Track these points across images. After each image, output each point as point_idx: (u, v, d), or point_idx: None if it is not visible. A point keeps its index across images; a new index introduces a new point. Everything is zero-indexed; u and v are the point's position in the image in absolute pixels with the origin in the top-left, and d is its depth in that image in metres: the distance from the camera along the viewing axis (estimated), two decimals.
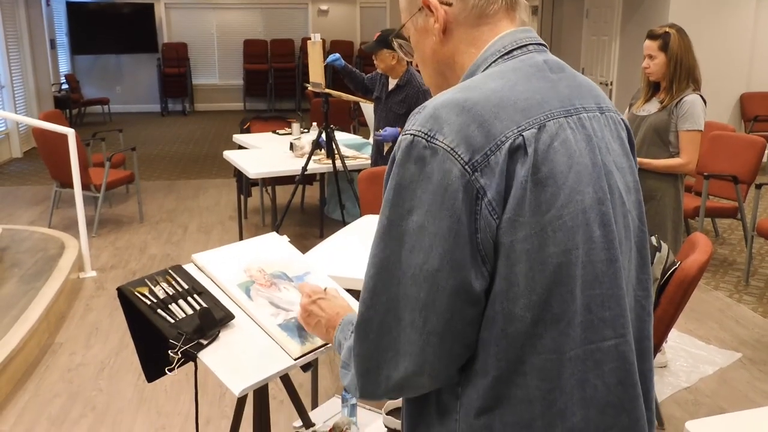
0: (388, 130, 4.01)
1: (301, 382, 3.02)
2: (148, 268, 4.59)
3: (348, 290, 1.57)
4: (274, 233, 1.65)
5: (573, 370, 0.88)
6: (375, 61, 4.04)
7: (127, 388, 3.07)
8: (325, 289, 1.37)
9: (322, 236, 5.15)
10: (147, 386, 3.08)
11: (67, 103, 10.81)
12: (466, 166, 0.83)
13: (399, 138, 0.91)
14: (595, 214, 0.89)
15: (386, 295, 0.89)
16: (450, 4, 0.96)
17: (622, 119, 1.03)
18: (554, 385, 0.88)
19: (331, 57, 4.29)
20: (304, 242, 5.11)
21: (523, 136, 0.85)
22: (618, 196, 0.95)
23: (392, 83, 4.08)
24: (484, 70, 0.94)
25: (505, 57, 0.94)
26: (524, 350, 0.87)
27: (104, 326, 3.70)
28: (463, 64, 0.98)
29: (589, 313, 0.88)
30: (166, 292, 1.38)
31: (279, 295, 1.46)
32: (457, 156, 0.84)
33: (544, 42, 0.99)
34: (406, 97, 3.98)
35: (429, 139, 0.85)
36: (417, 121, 0.88)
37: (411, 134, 0.87)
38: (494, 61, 0.94)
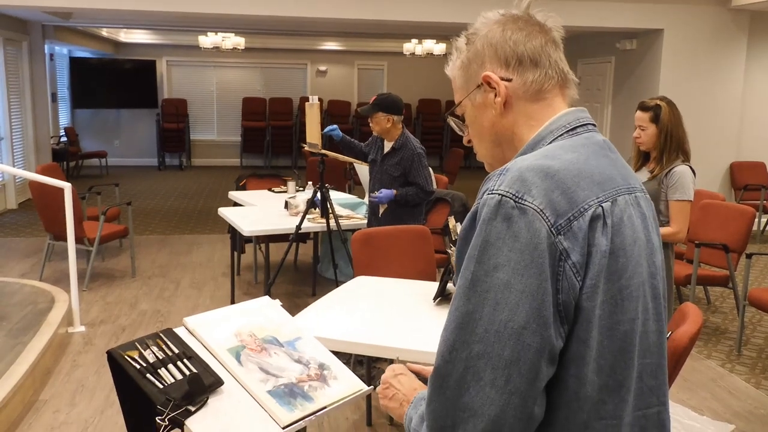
0: (384, 192, 4.05)
1: None
2: (138, 324, 4.54)
3: (334, 352, 1.57)
4: (267, 297, 1.66)
5: None
6: (371, 124, 4.09)
7: None
8: (405, 362, 1.35)
9: (314, 295, 5.14)
10: None
11: (65, 156, 10.89)
12: (552, 228, 0.88)
13: (483, 197, 0.93)
14: (648, 287, 0.96)
15: (466, 352, 0.89)
16: (510, 80, 1.02)
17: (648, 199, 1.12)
18: None
19: (329, 128, 4.35)
20: (296, 300, 5.09)
21: (602, 206, 0.91)
22: (660, 271, 1.02)
23: (387, 146, 4.12)
24: (549, 143, 1.00)
25: (570, 133, 1.00)
26: (590, 415, 0.91)
27: (90, 383, 3.64)
28: (521, 136, 1.04)
29: (641, 381, 0.95)
30: (156, 356, 1.38)
31: (269, 360, 1.46)
32: (545, 217, 0.88)
33: (595, 123, 1.08)
34: (402, 159, 4.02)
35: (517, 199, 0.89)
36: (503, 182, 0.92)
37: (499, 194, 0.90)
38: (560, 135, 1.01)
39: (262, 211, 5.03)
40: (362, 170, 5.48)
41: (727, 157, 7.44)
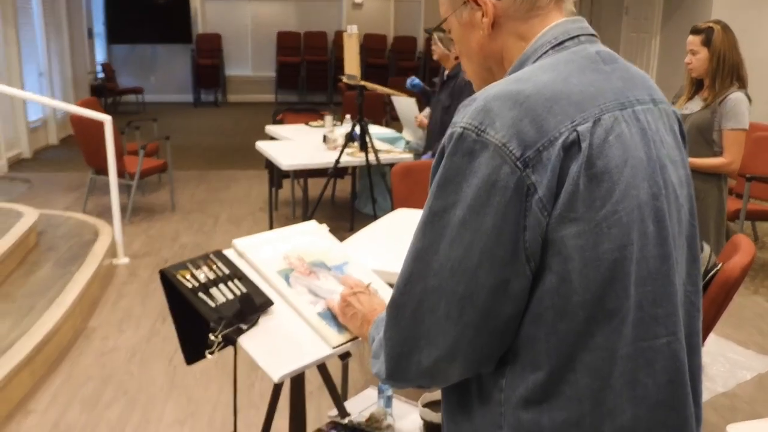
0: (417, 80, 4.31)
1: (331, 372, 3.03)
2: (179, 257, 4.63)
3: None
4: (314, 221, 1.65)
5: (624, 368, 0.87)
6: (432, 47, 4.08)
7: (158, 375, 3.10)
8: (368, 285, 1.38)
9: (352, 230, 5.14)
10: (177, 373, 3.11)
11: (103, 92, 10.96)
12: (518, 162, 0.82)
13: (449, 130, 0.89)
14: (649, 209, 0.87)
15: (422, 285, 0.89)
16: None
17: (674, 111, 1.01)
18: (604, 384, 0.87)
19: (410, 80, 4.61)
20: (334, 235, 5.13)
21: (577, 131, 0.84)
22: (672, 190, 0.93)
23: (445, 75, 4.07)
24: (534, 62, 0.93)
25: (557, 48, 0.92)
26: (575, 347, 0.86)
27: (136, 313, 3.74)
28: (511, 58, 0.97)
29: (641, 310, 0.87)
30: (207, 277, 1.38)
31: (318, 283, 1.47)
32: (508, 152, 0.82)
33: (595, 33, 0.97)
34: (453, 88, 3.90)
35: (479, 133, 0.84)
36: (467, 113, 0.87)
37: (461, 127, 0.86)
38: (545, 53, 0.93)
39: (300, 145, 5.00)
40: (400, 105, 5.42)
41: None
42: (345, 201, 6.08)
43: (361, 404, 2.05)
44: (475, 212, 0.84)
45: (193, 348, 1.40)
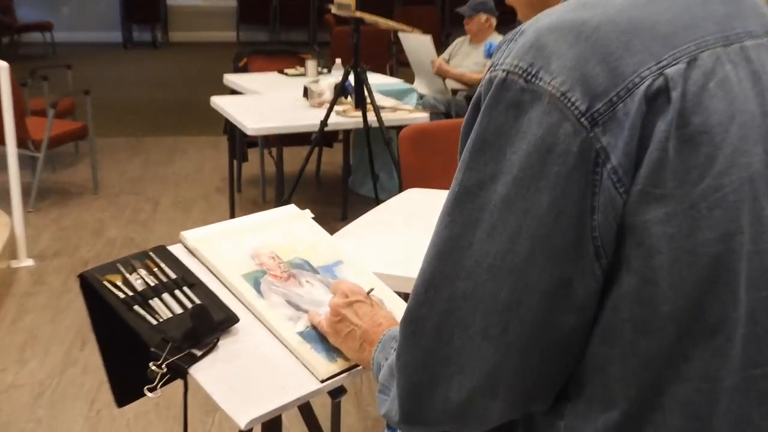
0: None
1: (318, 416, 3.02)
2: (106, 257, 4.61)
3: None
4: (292, 206, 1.66)
5: (730, 405, 0.85)
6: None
7: (76, 419, 3.08)
8: (370, 292, 1.37)
9: (345, 219, 5.15)
10: (103, 419, 3.09)
11: None
12: (583, 119, 0.81)
13: (486, 75, 0.89)
14: (765, 184, 0.85)
15: (449, 290, 0.89)
16: None
17: None
18: (704, 426, 0.86)
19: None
20: (322, 226, 5.12)
21: (665, 75, 0.82)
22: None
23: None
24: None
25: None
26: (663, 376, 0.85)
27: (44, 334, 3.72)
28: None
29: (755, 324, 0.85)
30: (147, 283, 1.38)
31: (299, 291, 1.46)
32: (569, 104, 0.82)
33: None
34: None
35: (529, 78, 0.84)
36: (512, 51, 0.87)
37: (504, 70, 0.86)
38: None
39: (272, 102, 4.97)
40: (411, 45, 5.40)
41: None
42: (335, 179, 6.08)
43: None
44: (524, 188, 0.84)
45: (126, 383, 1.38)
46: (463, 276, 0.87)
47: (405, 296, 1.37)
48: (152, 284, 1.39)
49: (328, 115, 4.36)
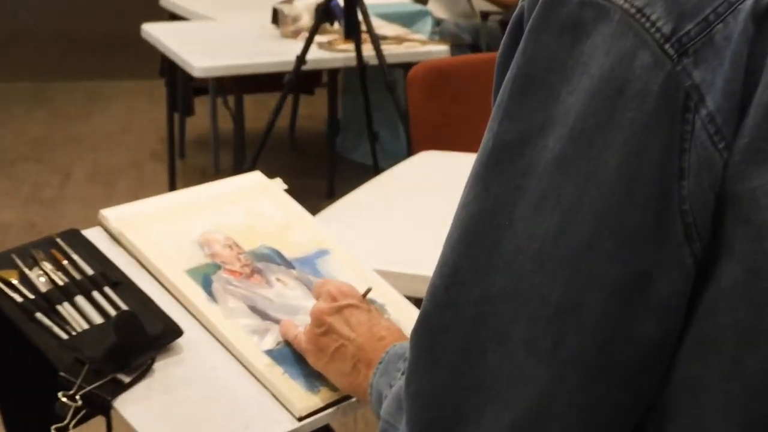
0: None
1: None
2: None
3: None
4: (258, 173, 1.63)
5: None
6: None
7: None
8: (366, 294, 1.35)
9: (332, 196, 5.10)
10: None
11: None
12: (667, 45, 0.78)
13: None
14: None
15: (480, 288, 0.85)
16: None
17: None
18: None
19: None
20: (300, 203, 5.10)
21: None
22: None
23: None
24: None
25: None
26: None
27: None
28: None
29: None
30: (53, 282, 1.34)
31: (267, 293, 1.43)
32: (648, 24, 0.79)
33: None
34: None
35: None
36: None
37: None
38: None
39: (228, 30, 4.97)
40: None
41: None
42: (317, 139, 6.05)
43: None
44: (585, 143, 0.81)
45: (26, 419, 1.38)
46: (500, 267, 0.84)
47: (417, 302, 1.32)
48: (61, 283, 1.36)
49: (306, 49, 4.29)
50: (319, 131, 5.84)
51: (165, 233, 1.46)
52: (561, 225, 0.83)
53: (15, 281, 1.32)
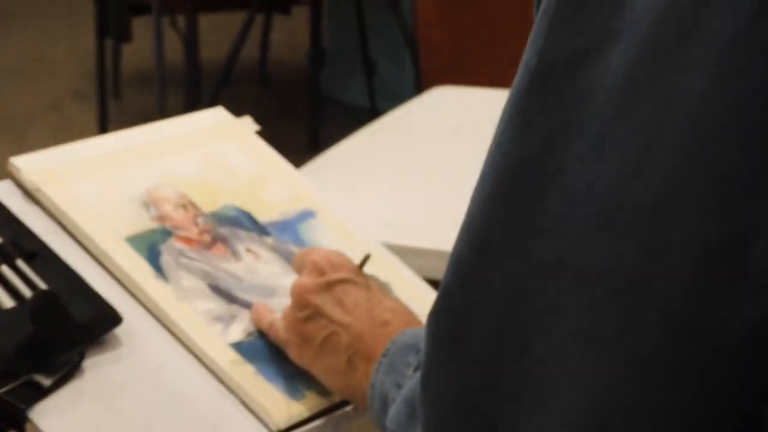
0: None
1: None
2: None
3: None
4: (221, 109, 1.59)
5: None
6: None
7: None
8: (364, 263, 1.33)
9: (316, 146, 5.12)
10: None
11: None
12: None
13: None
14: None
15: (519, 256, 0.84)
16: None
17: None
18: None
19: None
20: (279, 152, 5.25)
21: None
22: None
23: None
24: None
25: None
26: None
27: None
28: None
29: None
30: None
31: (234, 268, 1.45)
32: None
33: None
34: None
35: None
36: None
37: None
38: None
39: None
40: None
41: None
42: (296, 73, 6.04)
43: None
44: (661, 60, 0.80)
45: None
46: (545, 229, 0.83)
47: (434, 285, 1.30)
48: None
49: None
50: (298, 63, 5.80)
51: (97, 188, 1.43)
52: (629, 171, 0.82)
53: None
